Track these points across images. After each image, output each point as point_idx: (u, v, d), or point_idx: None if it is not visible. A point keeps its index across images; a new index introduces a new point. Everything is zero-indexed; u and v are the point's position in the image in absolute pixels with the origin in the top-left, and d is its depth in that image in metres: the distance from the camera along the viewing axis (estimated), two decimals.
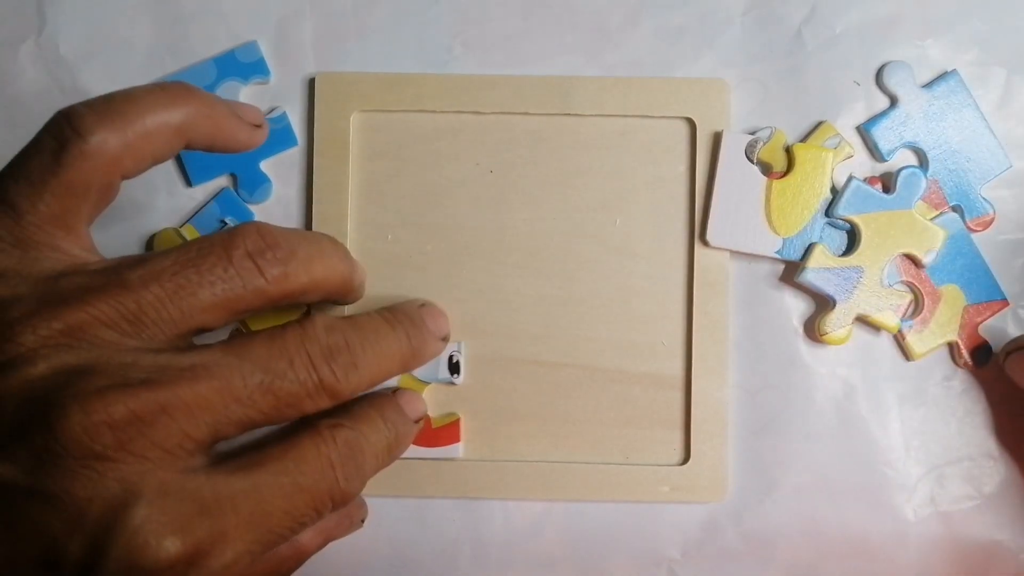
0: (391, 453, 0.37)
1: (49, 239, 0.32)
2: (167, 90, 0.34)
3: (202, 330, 0.33)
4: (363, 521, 0.41)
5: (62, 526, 0.28)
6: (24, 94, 0.43)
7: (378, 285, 0.43)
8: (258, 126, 0.38)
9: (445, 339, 0.40)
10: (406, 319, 0.38)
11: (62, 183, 0.32)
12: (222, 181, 0.43)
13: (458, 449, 0.42)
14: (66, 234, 0.33)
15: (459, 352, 0.42)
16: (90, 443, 0.28)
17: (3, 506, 0.29)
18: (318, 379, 0.33)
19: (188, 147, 0.35)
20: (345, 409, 0.36)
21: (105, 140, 0.32)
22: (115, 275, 0.31)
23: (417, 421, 0.39)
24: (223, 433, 0.32)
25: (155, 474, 0.30)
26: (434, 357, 0.40)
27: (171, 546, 0.29)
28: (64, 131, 0.32)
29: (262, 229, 0.33)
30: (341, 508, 0.35)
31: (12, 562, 0.29)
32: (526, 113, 0.43)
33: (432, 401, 0.43)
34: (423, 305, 0.40)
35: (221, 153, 0.37)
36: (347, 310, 0.42)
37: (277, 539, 0.32)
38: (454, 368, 0.42)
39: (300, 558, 0.38)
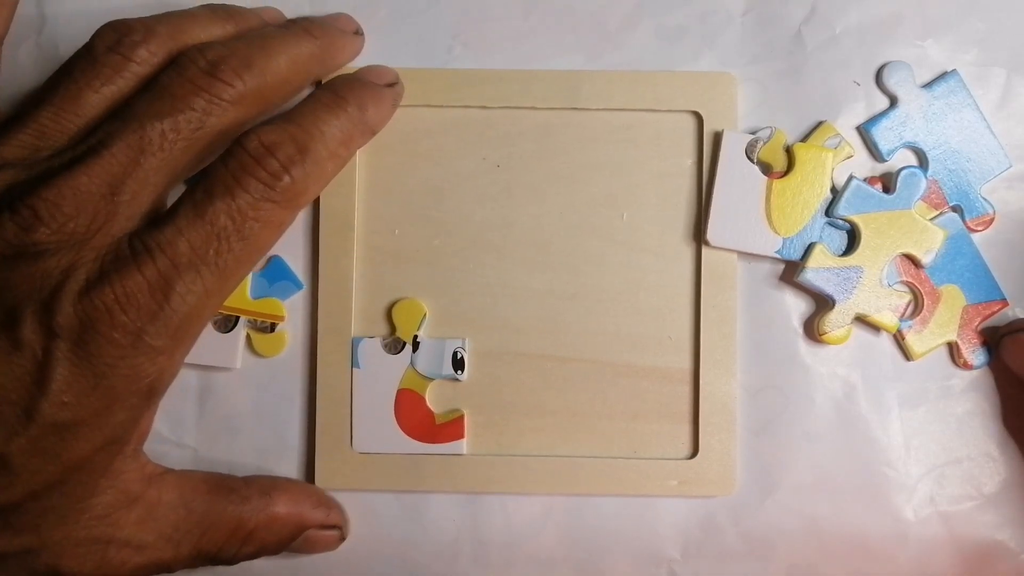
0: (346, 108, 0.38)
1: None
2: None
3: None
4: (339, 536, 0.42)
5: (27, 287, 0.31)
6: (24, 94, 0.43)
7: (385, 280, 0.43)
8: (357, 33, 0.42)
9: (357, 32, 0.42)
10: (305, 22, 0.40)
11: None
12: None
13: (462, 445, 0.42)
14: None
15: (463, 348, 0.42)
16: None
17: None
18: (210, 76, 0.35)
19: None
20: None
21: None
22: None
23: (391, 85, 0.41)
24: (145, 184, 0.34)
25: (87, 248, 0.32)
26: (352, 54, 0.42)
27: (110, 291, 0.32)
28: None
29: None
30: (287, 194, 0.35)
31: None
32: (533, 107, 0.43)
33: (437, 397, 0.42)
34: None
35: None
36: None
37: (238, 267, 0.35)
38: (458, 364, 0.42)
39: (272, 526, 0.39)
